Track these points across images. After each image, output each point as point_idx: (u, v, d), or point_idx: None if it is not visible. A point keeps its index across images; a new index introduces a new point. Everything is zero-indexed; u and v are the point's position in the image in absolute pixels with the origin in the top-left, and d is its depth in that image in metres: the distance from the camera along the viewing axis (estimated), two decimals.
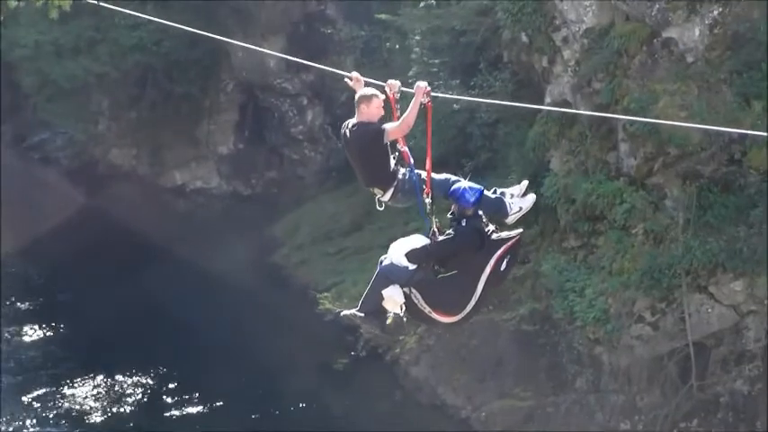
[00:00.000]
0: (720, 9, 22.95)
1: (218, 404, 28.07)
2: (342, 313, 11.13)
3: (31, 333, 31.51)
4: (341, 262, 33.15)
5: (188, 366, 29.12)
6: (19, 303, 33.17)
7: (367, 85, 10.98)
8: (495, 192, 11.00)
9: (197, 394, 28.25)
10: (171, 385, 28.82)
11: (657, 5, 23.69)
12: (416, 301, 10.58)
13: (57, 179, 40.34)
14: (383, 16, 33.84)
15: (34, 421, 27.35)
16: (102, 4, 13.93)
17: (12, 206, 37.45)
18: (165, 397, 28.53)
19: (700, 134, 22.36)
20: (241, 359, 29.10)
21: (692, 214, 22.91)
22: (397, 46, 35.25)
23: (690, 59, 23.13)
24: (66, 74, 37.82)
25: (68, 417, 27.58)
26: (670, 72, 23.11)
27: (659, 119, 22.55)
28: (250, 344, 29.63)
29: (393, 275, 10.72)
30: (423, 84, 10.55)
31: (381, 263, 10.91)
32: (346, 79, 11.13)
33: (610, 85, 23.82)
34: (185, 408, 27.95)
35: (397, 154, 10.89)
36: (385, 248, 26.59)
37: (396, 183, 10.78)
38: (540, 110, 26.99)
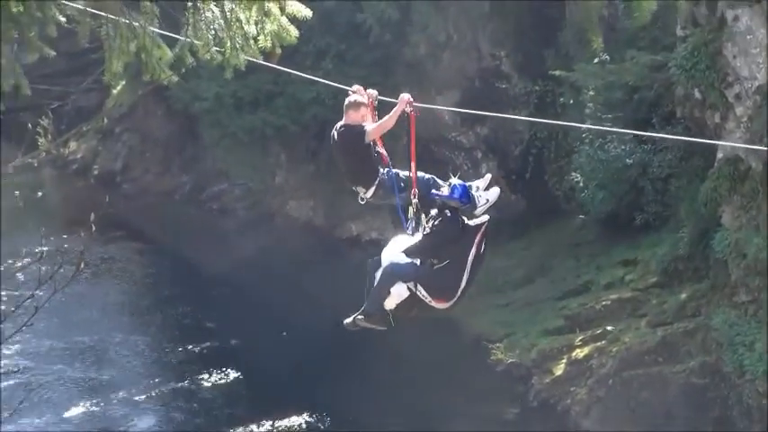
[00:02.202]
0: None
1: None
2: (345, 322, 12.88)
3: (208, 377, 32.46)
4: (512, 313, 33.64)
5: (359, 409, 29.86)
6: (193, 347, 34.48)
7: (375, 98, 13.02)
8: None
9: None
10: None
11: None
12: (420, 294, 12.16)
13: (234, 230, 41.79)
14: (558, 72, 34.64)
15: None
16: (277, 67, 14.86)
17: (192, 252, 39.89)
18: None
19: None
20: (412, 404, 29.76)
21: None
22: (571, 101, 35.85)
23: None
24: (245, 126, 39.57)
25: None
26: None
27: None
28: (421, 391, 30.23)
29: (400, 273, 12.26)
30: (406, 95, 12.56)
31: (373, 266, 12.53)
32: (350, 90, 13.00)
33: None
34: None
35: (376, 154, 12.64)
36: (557, 300, 28.47)
37: (377, 181, 12.57)
38: (711, 166, 27.83)
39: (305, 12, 12.69)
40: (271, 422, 29.96)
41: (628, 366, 28.71)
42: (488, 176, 13.30)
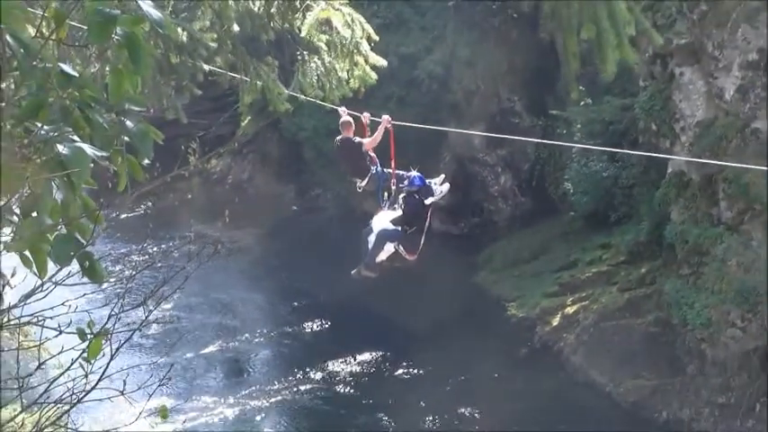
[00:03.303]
0: None
1: (424, 371, 29.36)
2: (352, 272, 14.03)
3: (306, 324, 33.21)
4: (522, 281, 33.92)
5: (411, 347, 30.20)
6: (294, 302, 35.00)
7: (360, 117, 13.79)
8: (427, 180, 13.93)
9: (411, 371, 29.52)
10: (399, 362, 29.88)
11: (748, 105, 24.66)
12: (400, 251, 13.57)
13: (326, 222, 42.08)
14: (555, 112, 35.30)
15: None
16: (356, 113, 14.40)
17: (294, 236, 40.62)
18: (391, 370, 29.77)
19: None
20: (445, 347, 30.04)
21: None
22: (565, 131, 35.92)
23: None
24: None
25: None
26: (756, 152, 24.02)
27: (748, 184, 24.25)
28: (457, 335, 30.57)
29: (389, 236, 13.54)
30: (386, 117, 13.17)
31: (366, 233, 13.81)
32: (339, 110, 13.71)
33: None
34: (405, 379, 29.20)
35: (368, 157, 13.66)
36: (554, 272, 28.60)
37: (369, 175, 13.57)
38: (664, 177, 28.20)
39: (382, 62, 13.04)
40: (350, 356, 30.62)
41: (604, 319, 29.14)
42: (442, 176, 14.87)
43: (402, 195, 13.89)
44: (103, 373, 5.02)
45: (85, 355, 4.41)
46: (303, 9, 12.39)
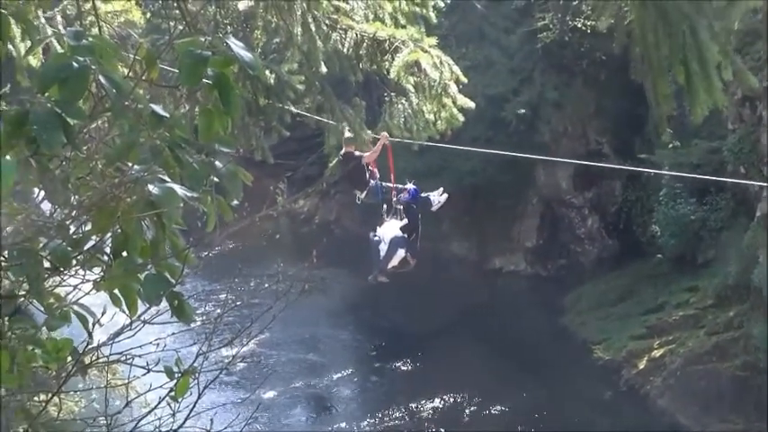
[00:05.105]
0: None
1: (509, 412, 29.20)
2: (369, 278, 15.33)
3: (387, 362, 33.32)
4: (608, 324, 33.50)
5: (502, 390, 30.08)
6: (376, 340, 34.99)
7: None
8: (425, 194, 15.30)
9: (500, 408, 29.43)
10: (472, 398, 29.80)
11: None
12: (407, 256, 14.59)
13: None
14: (643, 155, 34.56)
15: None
16: (435, 144, 14.49)
17: (384, 284, 40.45)
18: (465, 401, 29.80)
19: None
20: (531, 388, 30.03)
21: None
22: (652, 174, 34.80)
23: None
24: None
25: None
26: None
27: None
28: (540, 378, 30.51)
29: (400, 244, 14.60)
30: (385, 134, 13.49)
31: (375, 241, 14.88)
32: (345, 129, 14.11)
33: None
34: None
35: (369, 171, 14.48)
36: (641, 315, 28.27)
37: (368, 187, 14.46)
38: (752, 221, 28.02)
39: (470, 104, 12.89)
40: (435, 395, 30.43)
41: (691, 363, 28.71)
42: (441, 189, 15.85)
43: (401, 207, 15.07)
44: (191, 412, 5.02)
45: (173, 393, 4.39)
46: (392, 51, 12.37)
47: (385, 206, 15.13)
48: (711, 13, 9.19)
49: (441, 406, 29.96)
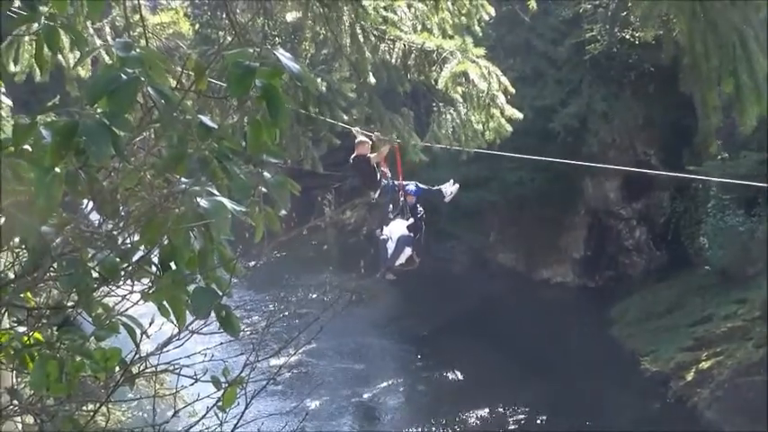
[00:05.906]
0: None
1: (558, 424, 29.02)
2: (377, 275, 15.83)
3: (428, 370, 33.29)
4: (657, 335, 33.24)
5: (540, 399, 29.98)
6: (420, 349, 34.96)
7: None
8: (436, 187, 16.16)
9: (543, 424, 29.40)
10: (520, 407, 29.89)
11: None
12: (413, 254, 15.07)
13: (459, 274, 41.81)
14: (691, 167, 34.03)
15: None
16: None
17: (427, 285, 40.40)
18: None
19: None
20: (580, 400, 29.85)
21: None
22: (701, 186, 35.35)
23: None
24: (469, 201, 38.73)
25: None
26: None
27: None
28: (588, 390, 30.25)
29: (407, 242, 15.00)
30: (392, 135, 13.61)
31: (383, 240, 15.25)
32: (354, 132, 14.46)
33: None
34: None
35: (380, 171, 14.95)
36: (689, 327, 28.00)
37: (380, 187, 14.98)
38: None
39: (518, 114, 12.83)
40: (482, 406, 30.38)
41: (739, 375, 28.46)
42: (452, 181, 16.75)
43: (409, 206, 15.62)
44: (238, 421, 5.02)
45: (220, 403, 4.40)
46: (440, 61, 12.38)
47: (391, 206, 15.69)
48: (759, 23, 9.11)
49: (488, 416, 29.87)
